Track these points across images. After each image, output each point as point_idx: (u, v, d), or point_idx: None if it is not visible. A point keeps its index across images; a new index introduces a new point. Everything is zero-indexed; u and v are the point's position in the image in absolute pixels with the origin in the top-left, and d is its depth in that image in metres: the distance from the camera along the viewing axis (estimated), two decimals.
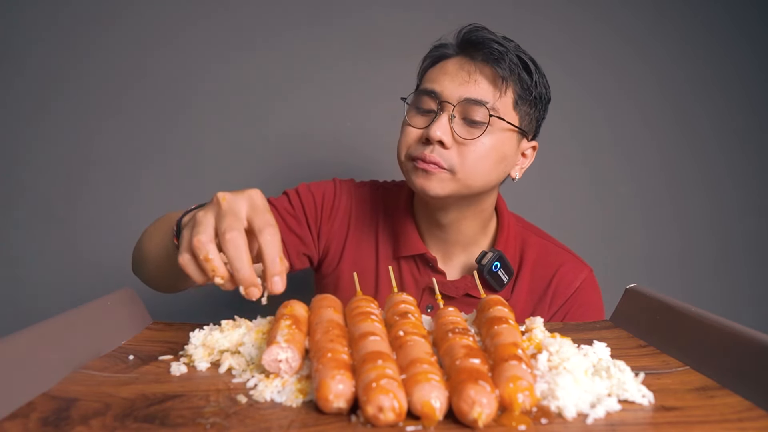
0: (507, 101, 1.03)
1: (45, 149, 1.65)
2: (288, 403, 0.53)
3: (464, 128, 1.02)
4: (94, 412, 0.49)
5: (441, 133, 1.00)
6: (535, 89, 1.05)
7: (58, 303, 1.56)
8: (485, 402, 0.47)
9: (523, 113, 1.06)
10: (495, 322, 0.62)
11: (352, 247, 1.20)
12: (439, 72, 1.06)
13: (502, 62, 1.01)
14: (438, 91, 1.03)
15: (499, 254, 1.09)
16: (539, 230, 1.25)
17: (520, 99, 1.04)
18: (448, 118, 1.01)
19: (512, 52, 1.02)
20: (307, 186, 1.22)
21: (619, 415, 0.50)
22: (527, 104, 1.06)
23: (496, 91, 1.02)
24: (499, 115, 1.01)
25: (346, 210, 1.21)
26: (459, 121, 1.02)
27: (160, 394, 0.54)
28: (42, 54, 1.64)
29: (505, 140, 1.04)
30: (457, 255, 1.17)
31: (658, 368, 0.63)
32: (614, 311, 0.85)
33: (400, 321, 0.62)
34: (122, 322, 0.72)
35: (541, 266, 1.16)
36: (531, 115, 1.07)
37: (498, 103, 1.01)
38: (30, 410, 0.49)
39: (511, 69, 1.02)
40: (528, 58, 1.05)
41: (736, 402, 0.53)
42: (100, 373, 0.59)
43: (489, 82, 1.02)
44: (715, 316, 0.65)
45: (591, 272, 1.18)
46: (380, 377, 0.49)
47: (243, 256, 0.62)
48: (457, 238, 1.15)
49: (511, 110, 1.04)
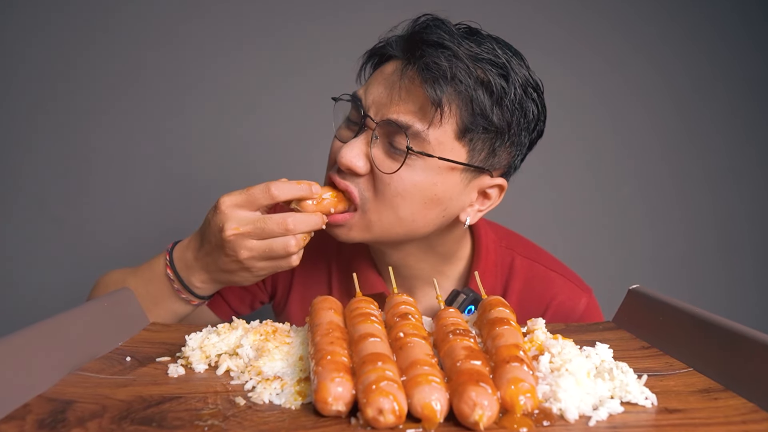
0: (445, 130, 0.79)
1: (41, 149, 1.65)
2: (287, 406, 0.52)
3: (385, 155, 0.81)
4: (90, 414, 0.49)
5: (351, 158, 0.81)
6: (498, 114, 0.79)
7: (54, 304, 1.55)
8: (486, 404, 0.46)
9: (478, 143, 0.81)
10: (496, 323, 0.62)
11: (300, 285, 1.06)
12: (377, 77, 0.85)
13: (441, 80, 0.76)
14: (363, 102, 0.83)
15: (473, 296, 0.87)
16: (526, 246, 1.06)
17: (470, 129, 0.79)
18: (367, 140, 0.82)
19: (466, 63, 0.76)
20: None
21: (621, 418, 0.50)
22: (484, 134, 0.80)
23: (424, 119, 0.78)
24: (426, 150, 0.79)
25: None
26: (382, 144, 0.82)
27: (158, 396, 0.54)
28: (38, 54, 1.63)
29: (438, 178, 0.81)
30: (423, 292, 0.99)
31: (661, 370, 0.63)
32: (617, 312, 0.84)
33: (401, 322, 0.62)
34: (119, 324, 0.71)
35: (530, 297, 0.99)
36: (494, 146, 0.82)
37: (429, 131, 0.78)
38: (26, 412, 0.48)
39: (457, 89, 0.77)
40: (498, 71, 0.78)
41: (739, 404, 0.53)
42: (96, 374, 0.59)
43: (415, 105, 0.78)
44: (719, 318, 0.64)
45: (591, 297, 1.01)
46: (380, 379, 0.48)
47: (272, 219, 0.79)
48: (413, 273, 0.97)
49: (452, 141, 0.80)
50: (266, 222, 0.79)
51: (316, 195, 0.82)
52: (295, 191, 0.81)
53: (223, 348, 0.64)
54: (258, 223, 0.79)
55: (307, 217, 0.81)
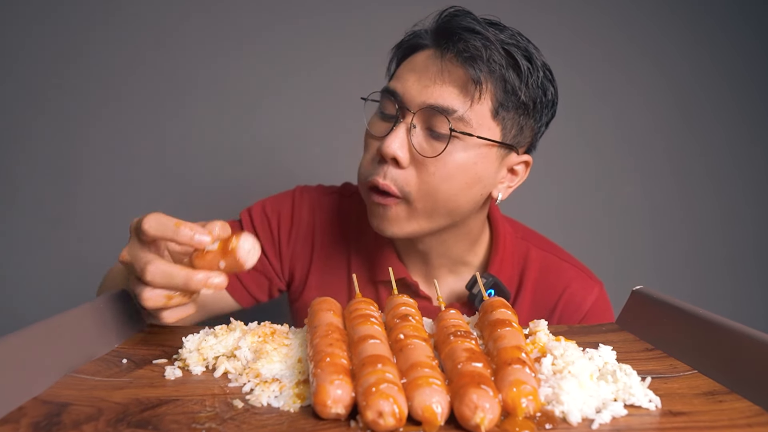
0: (483, 109, 0.83)
1: (38, 148, 1.64)
2: (285, 408, 0.51)
3: (426, 142, 0.84)
4: (86, 417, 0.48)
5: (395, 148, 0.82)
6: (526, 92, 0.84)
7: (50, 305, 1.55)
8: (488, 407, 0.46)
9: (509, 122, 0.86)
10: (498, 324, 0.61)
11: (318, 271, 1.05)
12: (407, 67, 0.88)
13: (478, 60, 0.81)
14: (399, 92, 0.85)
15: (493, 280, 0.93)
16: (540, 238, 1.10)
17: (502, 106, 0.84)
18: (407, 129, 0.84)
19: (497, 46, 0.82)
20: (263, 206, 1.08)
21: (625, 420, 0.49)
22: (514, 111, 0.86)
23: (466, 98, 0.82)
24: (469, 130, 0.83)
25: (308, 228, 1.06)
26: (421, 132, 0.84)
27: (155, 398, 0.53)
28: (34, 54, 1.63)
29: (478, 157, 0.85)
30: (442, 277, 1.02)
31: (665, 372, 0.62)
32: (620, 314, 0.83)
33: (401, 324, 0.61)
34: (116, 325, 0.70)
35: (544, 286, 1.02)
36: (521, 123, 0.88)
37: (469, 112, 0.82)
38: (21, 415, 0.48)
39: (491, 69, 0.82)
40: (522, 53, 0.84)
41: (745, 407, 0.52)
42: (92, 377, 0.58)
43: (457, 85, 0.82)
44: (724, 319, 0.64)
45: (602, 289, 1.04)
46: (380, 381, 0.48)
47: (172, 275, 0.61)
48: (440, 262, 1.00)
49: (489, 120, 0.84)
50: (135, 245, 0.66)
51: (198, 244, 0.62)
52: (181, 237, 0.62)
53: (221, 350, 0.63)
54: (134, 238, 0.67)
55: (173, 269, 0.62)
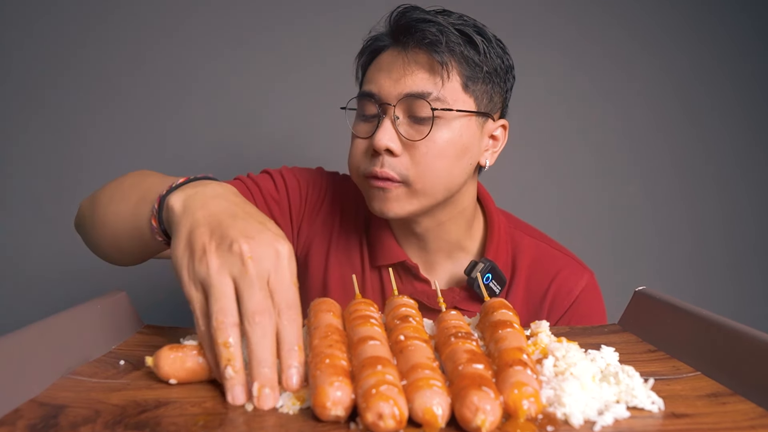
0: (454, 86, 0.91)
1: (34, 148, 1.64)
2: (284, 410, 0.51)
3: (411, 128, 0.92)
4: (83, 419, 0.48)
5: (387, 140, 0.90)
6: (486, 63, 0.93)
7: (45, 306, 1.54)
8: (489, 409, 0.45)
9: (479, 93, 0.94)
10: (499, 326, 0.61)
11: (338, 252, 1.09)
12: (375, 69, 0.96)
13: (438, 44, 0.89)
14: (375, 92, 0.93)
15: (490, 265, 0.99)
16: (532, 229, 1.15)
17: (470, 79, 0.92)
18: (391, 122, 0.91)
19: (449, 28, 0.90)
20: (292, 170, 1.11)
21: (627, 423, 0.49)
22: (481, 82, 0.94)
23: (437, 79, 0.90)
24: (446, 106, 0.90)
25: (331, 207, 1.11)
26: (404, 121, 0.92)
27: (152, 400, 0.52)
28: (31, 52, 1.62)
29: (462, 129, 0.93)
30: (441, 263, 1.07)
31: (668, 374, 0.62)
32: (623, 315, 0.83)
33: (401, 325, 0.61)
34: (113, 326, 0.70)
35: (537, 272, 1.06)
36: (490, 92, 0.96)
37: (443, 91, 0.90)
38: (16, 417, 0.47)
39: (451, 49, 0.90)
40: (472, 30, 0.92)
41: (748, 409, 0.52)
42: (89, 378, 0.57)
43: (426, 70, 0.90)
44: (728, 320, 0.63)
45: (592, 276, 1.08)
46: (380, 383, 0.47)
47: (270, 347, 0.52)
48: (438, 245, 1.05)
49: (461, 94, 0.92)
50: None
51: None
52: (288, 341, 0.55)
53: None
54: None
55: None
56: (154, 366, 0.56)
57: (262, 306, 0.53)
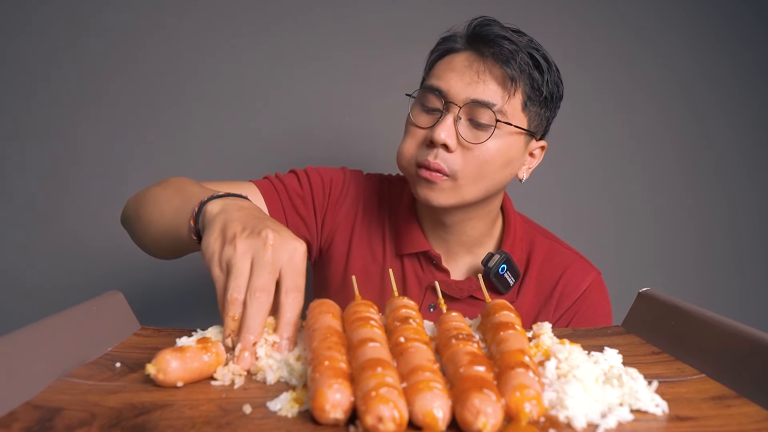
0: (516, 103, 0.99)
1: (29, 146, 1.63)
2: (283, 413, 0.50)
3: (470, 131, 0.99)
4: (79, 422, 0.47)
5: (446, 136, 0.97)
6: (546, 88, 1.01)
7: (41, 307, 1.54)
8: (490, 412, 0.45)
9: (533, 114, 1.02)
10: (501, 327, 0.60)
11: (360, 242, 1.17)
12: (446, 68, 1.02)
13: (512, 62, 0.97)
14: (444, 89, 0.99)
15: (506, 256, 1.07)
16: (546, 231, 1.23)
17: (530, 100, 1.00)
18: (453, 120, 0.98)
19: (523, 50, 0.98)
20: (316, 169, 1.19)
21: (631, 426, 0.48)
22: (537, 104, 1.02)
23: (504, 93, 0.98)
24: (507, 120, 0.98)
25: (354, 200, 1.18)
26: (464, 122, 0.99)
27: (149, 403, 0.52)
28: (25, 50, 1.62)
29: (512, 143, 1.01)
30: (461, 255, 1.15)
31: (672, 376, 0.61)
32: (626, 316, 0.83)
33: (401, 326, 0.60)
34: (109, 328, 0.69)
35: (547, 268, 1.14)
36: (541, 115, 1.04)
37: (506, 105, 0.98)
38: (12, 420, 0.47)
39: (521, 69, 0.97)
40: (540, 55, 1.01)
41: (754, 411, 0.51)
42: (85, 381, 0.57)
43: (498, 83, 0.98)
44: (733, 322, 0.63)
45: (599, 275, 1.15)
46: (380, 386, 0.47)
47: (260, 319, 0.62)
48: (461, 239, 1.12)
49: (519, 112, 1.00)
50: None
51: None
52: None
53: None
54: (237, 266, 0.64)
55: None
56: (157, 372, 0.55)
57: (265, 285, 0.62)
